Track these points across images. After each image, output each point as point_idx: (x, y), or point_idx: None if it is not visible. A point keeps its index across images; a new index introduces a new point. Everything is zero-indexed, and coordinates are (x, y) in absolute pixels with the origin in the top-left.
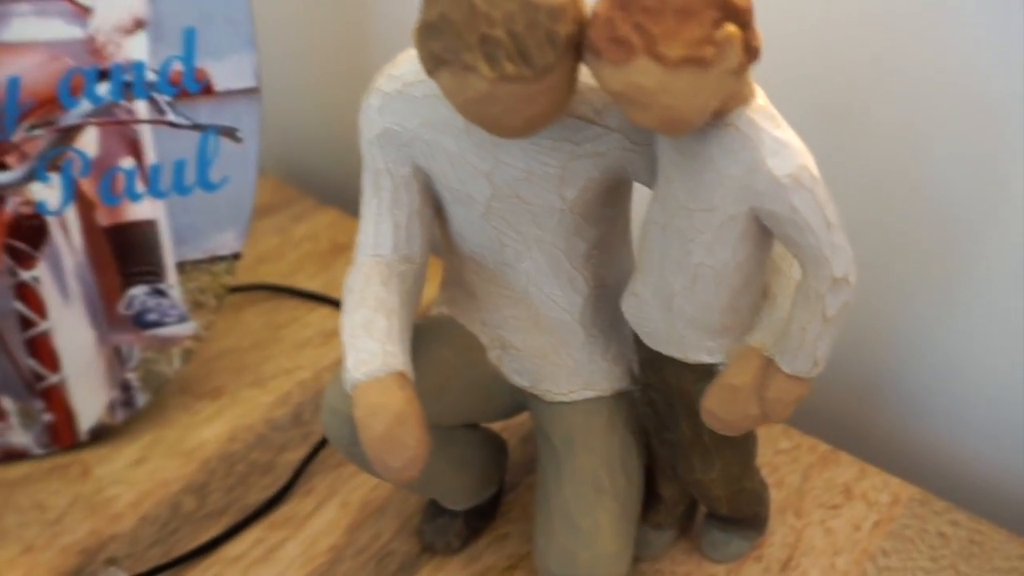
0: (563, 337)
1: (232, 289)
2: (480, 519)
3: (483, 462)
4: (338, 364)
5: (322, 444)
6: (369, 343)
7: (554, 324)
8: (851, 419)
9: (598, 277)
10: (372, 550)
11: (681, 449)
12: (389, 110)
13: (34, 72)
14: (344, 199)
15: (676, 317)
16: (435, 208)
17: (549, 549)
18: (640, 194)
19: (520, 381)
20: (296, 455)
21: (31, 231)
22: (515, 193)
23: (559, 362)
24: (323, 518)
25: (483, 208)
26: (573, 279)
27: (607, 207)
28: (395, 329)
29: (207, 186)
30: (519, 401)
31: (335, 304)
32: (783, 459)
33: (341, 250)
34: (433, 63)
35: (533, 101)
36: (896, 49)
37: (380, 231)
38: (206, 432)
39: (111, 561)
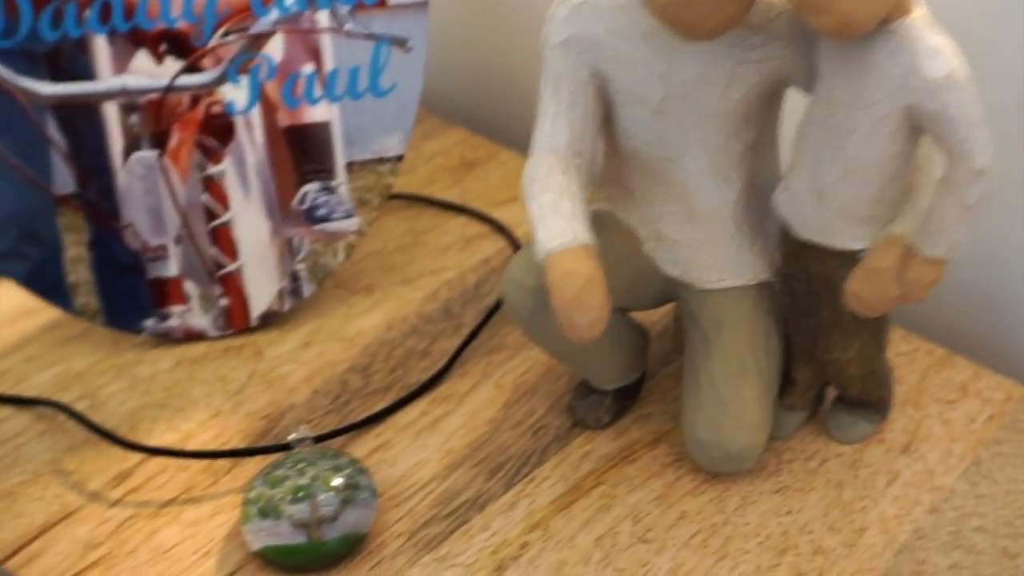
0: (715, 230)
1: None
2: (626, 398)
3: (632, 346)
4: (480, 265)
5: (475, 333)
6: (558, 220)
7: (707, 218)
8: (967, 328)
9: (749, 176)
10: (527, 424)
11: (821, 332)
12: (576, 19)
13: None
14: (467, 120)
15: (827, 207)
16: (606, 110)
17: (697, 418)
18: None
19: (672, 271)
20: (449, 343)
21: (220, 129)
22: (685, 95)
23: (710, 253)
24: (479, 396)
25: (654, 109)
26: (728, 177)
27: (763, 111)
28: (578, 211)
29: (377, 92)
30: (668, 290)
31: (471, 214)
32: (902, 360)
33: (471, 166)
34: None
35: (725, 6)
36: None
37: (556, 129)
38: (364, 322)
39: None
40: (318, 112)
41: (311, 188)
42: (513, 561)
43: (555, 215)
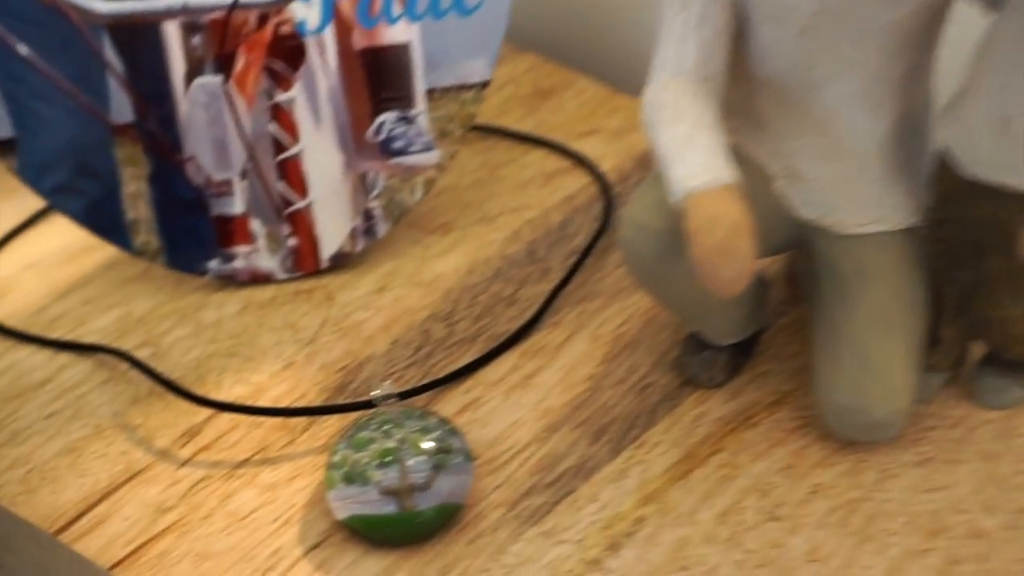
0: (860, 167)
1: None
2: (742, 355)
3: (754, 298)
4: (564, 203)
5: (567, 279)
6: (696, 155)
7: (852, 153)
8: None
9: (903, 106)
10: (631, 381)
11: (981, 285)
12: None
13: None
14: (538, 46)
15: (1013, 141)
16: (737, 28)
17: (836, 381)
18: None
19: (807, 213)
20: (537, 289)
21: (289, 52)
22: (844, 9)
23: (853, 193)
24: (575, 349)
25: (801, 26)
26: (880, 105)
27: (928, 30)
28: (716, 143)
29: (462, 10)
30: (796, 235)
31: (551, 147)
32: None
33: (545, 95)
34: None
35: None
36: None
37: (684, 49)
38: (442, 265)
39: (383, 378)
40: (397, 33)
41: (388, 117)
42: (627, 538)
43: (692, 149)
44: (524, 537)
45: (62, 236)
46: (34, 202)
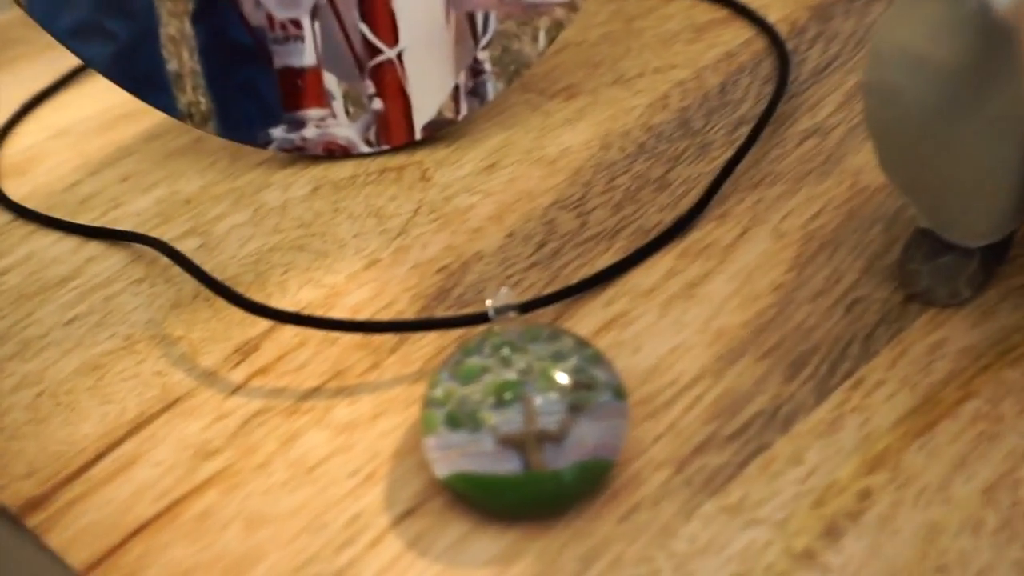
0: None
1: None
2: (994, 261)
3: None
4: (723, 62)
5: (737, 158)
6: None
7: None
8: None
9: None
10: (834, 295)
11: None
12: None
13: None
14: None
15: None
16: None
17: None
18: None
19: None
20: (694, 170)
21: None
22: None
23: None
24: (752, 249)
25: None
26: None
27: None
28: None
29: None
30: None
31: None
32: None
33: None
34: None
35: None
36: None
37: None
38: (568, 137)
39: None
40: None
41: None
42: (851, 521)
43: None
44: (700, 513)
45: (97, 101)
46: (67, 60)
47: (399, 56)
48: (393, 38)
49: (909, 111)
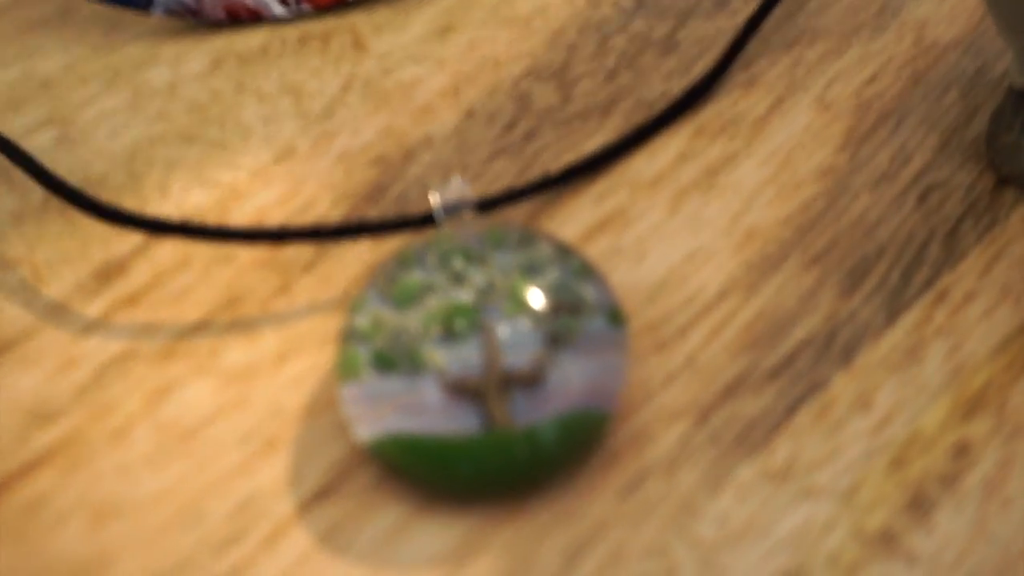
0: None
1: None
2: None
3: None
4: None
5: (765, 8)
6: None
7: None
8: None
9: None
10: (902, 180)
11: None
12: None
13: None
14: None
15: None
16: None
17: None
18: None
19: None
20: (711, 26)
21: None
22: None
23: None
24: (791, 125)
25: None
26: None
27: None
28: None
29: None
30: None
31: None
32: None
33: None
34: None
35: None
36: None
37: None
38: None
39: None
40: None
41: None
42: (945, 488)
43: None
44: (733, 481)
45: None
46: None
47: None
48: None
49: None
